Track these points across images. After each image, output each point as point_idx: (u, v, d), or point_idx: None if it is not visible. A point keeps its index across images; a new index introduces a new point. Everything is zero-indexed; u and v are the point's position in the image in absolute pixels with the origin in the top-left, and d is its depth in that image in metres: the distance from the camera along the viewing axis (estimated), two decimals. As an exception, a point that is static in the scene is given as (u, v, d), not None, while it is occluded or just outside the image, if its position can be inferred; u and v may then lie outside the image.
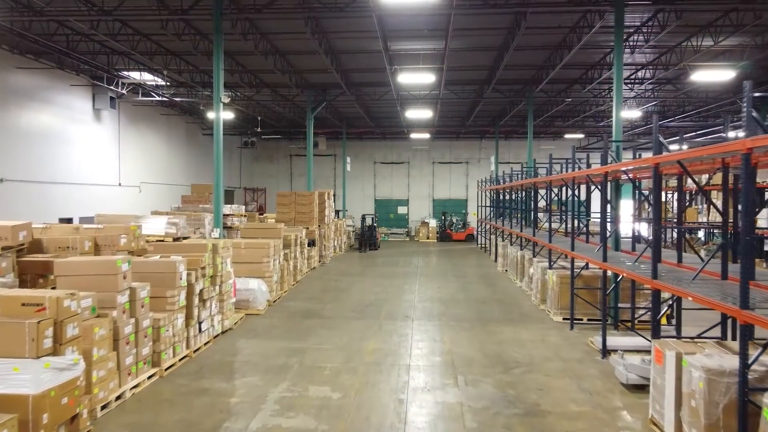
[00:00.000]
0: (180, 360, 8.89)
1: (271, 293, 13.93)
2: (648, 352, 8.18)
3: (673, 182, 18.08)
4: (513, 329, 11.43)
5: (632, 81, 20.71)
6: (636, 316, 10.94)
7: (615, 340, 9.72)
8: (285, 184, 41.54)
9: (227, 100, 13.07)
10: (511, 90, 22.43)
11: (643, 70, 19.77)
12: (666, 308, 9.91)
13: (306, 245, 19.37)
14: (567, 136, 33.05)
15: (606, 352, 9.29)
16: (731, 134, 13.19)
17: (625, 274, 8.88)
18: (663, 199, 19.72)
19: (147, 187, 25.46)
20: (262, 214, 26.32)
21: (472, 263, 23.26)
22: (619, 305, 11.32)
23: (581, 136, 33.99)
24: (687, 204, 19.77)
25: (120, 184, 23.28)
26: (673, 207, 22.73)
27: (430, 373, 8.67)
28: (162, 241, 12.66)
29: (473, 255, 26.76)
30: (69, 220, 18.09)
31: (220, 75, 12.74)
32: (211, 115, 24.74)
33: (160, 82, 20.41)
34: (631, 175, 10.73)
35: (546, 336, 10.88)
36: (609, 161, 10.78)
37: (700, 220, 22.78)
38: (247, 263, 13.83)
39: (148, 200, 25.08)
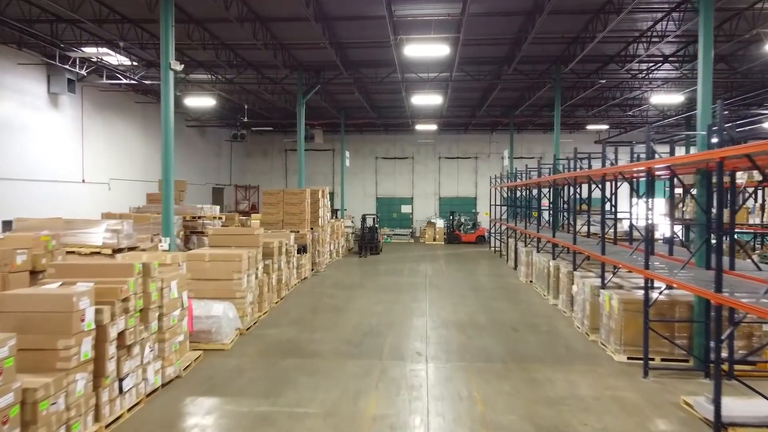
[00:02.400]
0: (82, 443, 5.89)
1: (244, 318, 10.91)
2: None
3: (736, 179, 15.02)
4: (564, 375, 8.39)
5: (681, 58, 17.61)
6: (736, 357, 7.91)
7: (728, 405, 6.67)
8: (280, 181, 38.55)
9: (179, 67, 10.03)
10: (534, 71, 19.33)
11: (692, 46, 16.65)
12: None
13: (295, 253, 16.35)
14: (590, 127, 29.89)
15: (722, 426, 6.25)
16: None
17: (756, 313, 5.82)
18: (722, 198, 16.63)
19: (118, 185, 22.45)
20: (247, 216, 23.31)
21: (489, 271, 20.21)
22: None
23: (605, 127, 30.83)
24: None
25: (84, 181, 20.26)
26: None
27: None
28: (98, 253, 9.67)
29: (487, 260, 23.70)
30: (9, 224, 15.08)
31: (169, 32, 9.68)
32: (189, 101, 21.73)
33: (124, 60, 17.37)
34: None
35: (615, 389, 7.83)
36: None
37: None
38: (213, 281, 10.82)
39: (120, 199, 22.07)
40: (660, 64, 18.36)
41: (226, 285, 10.85)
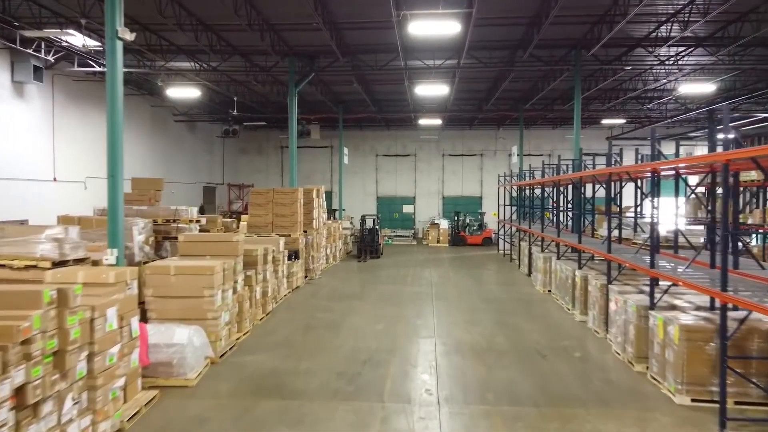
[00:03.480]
0: None
1: (218, 343, 9.07)
2: None
3: None
4: (617, 427, 6.54)
5: (716, 41, 15.74)
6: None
7: None
8: (276, 179, 36.73)
9: (130, 36, 8.18)
10: (552, 57, 17.45)
11: (733, 26, 14.78)
12: None
13: (284, 260, 14.52)
14: (605, 121, 27.98)
15: None
16: None
17: None
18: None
19: (96, 184, 20.56)
20: (237, 217, 21.49)
21: (500, 278, 18.35)
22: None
23: (621, 121, 28.93)
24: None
25: (55, 179, 18.45)
26: None
27: None
28: (35, 266, 7.83)
29: (497, 265, 21.85)
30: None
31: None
32: (172, 92, 19.88)
33: (92, 43, 15.50)
34: None
35: (688, 450, 6.00)
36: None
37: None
38: (180, 298, 8.99)
39: (98, 199, 20.20)
40: (692, 49, 16.49)
41: (195, 304, 9.01)
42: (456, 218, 30.29)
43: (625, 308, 9.08)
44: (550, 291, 15.19)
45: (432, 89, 19.38)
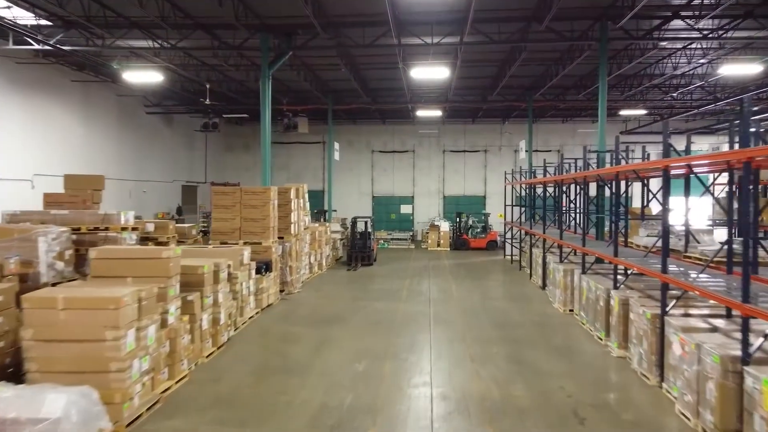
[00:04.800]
0: None
1: (126, 405, 6.46)
2: None
3: None
4: None
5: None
6: None
7: None
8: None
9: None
10: (572, 32, 14.79)
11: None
12: None
13: (252, 274, 11.92)
14: (624, 112, 25.30)
15: None
16: None
17: None
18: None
19: (46, 182, 17.94)
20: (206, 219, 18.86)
21: (510, 292, 15.72)
22: None
23: (642, 112, 26.24)
24: None
25: (-7, 177, 15.88)
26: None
27: None
28: None
29: (505, 274, 19.24)
30: None
31: None
32: (131, 77, 17.28)
33: (23, 15, 12.94)
34: None
35: None
36: None
37: None
38: (72, 343, 6.39)
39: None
40: (740, 21, 13.84)
41: (93, 351, 6.40)
42: (458, 220, 27.66)
43: (698, 356, 6.45)
44: (571, 311, 12.59)
45: (430, 72, 16.71)
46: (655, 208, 13.96)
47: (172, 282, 7.99)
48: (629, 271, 10.12)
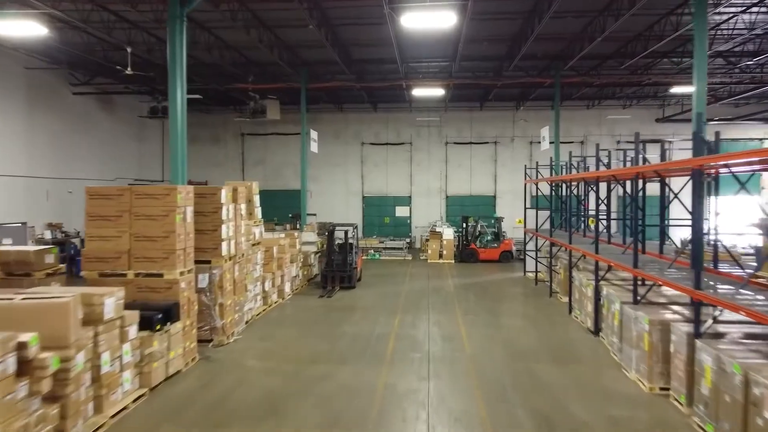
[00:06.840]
0: None
1: None
2: None
3: None
4: None
5: None
6: None
7: None
8: (236, 174, 29.05)
9: None
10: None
11: None
12: None
13: (134, 331, 6.89)
14: (676, 90, 20.16)
15: None
16: None
17: None
18: None
19: None
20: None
21: (553, 340, 10.62)
22: None
23: (691, 89, 21.05)
24: None
25: None
26: None
27: None
28: None
29: (532, 302, 14.22)
30: None
31: None
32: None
33: None
34: None
35: None
36: None
37: None
38: None
39: None
40: None
41: None
42: (464, 225, 22.61)
43: None
44: (665, 390, 7.58)
45: (430, 19, 11.50)
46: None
47: None
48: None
